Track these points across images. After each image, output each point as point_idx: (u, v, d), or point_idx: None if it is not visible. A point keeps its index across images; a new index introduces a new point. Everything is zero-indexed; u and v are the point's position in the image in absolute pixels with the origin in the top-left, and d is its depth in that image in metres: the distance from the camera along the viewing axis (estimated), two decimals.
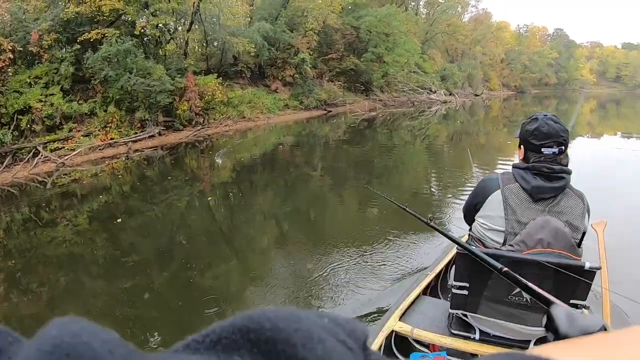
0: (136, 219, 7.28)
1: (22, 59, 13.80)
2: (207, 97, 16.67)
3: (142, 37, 16.24)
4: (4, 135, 11.76)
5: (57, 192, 9.53)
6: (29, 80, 13.33)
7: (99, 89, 14.23)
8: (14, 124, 12.27)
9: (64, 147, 12.58)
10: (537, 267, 1.65)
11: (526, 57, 52.99)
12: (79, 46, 14.12)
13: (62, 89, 13.65)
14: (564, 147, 1.74)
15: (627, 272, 3.63)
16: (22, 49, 13.28)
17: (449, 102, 30.22)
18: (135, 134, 14.23)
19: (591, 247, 2.93)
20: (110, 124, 13.86)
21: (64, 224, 7.18)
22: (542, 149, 1.74)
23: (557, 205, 1.75)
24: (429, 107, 26.92)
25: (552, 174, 1.73)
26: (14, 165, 11.45)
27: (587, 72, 69.25)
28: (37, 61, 14.00)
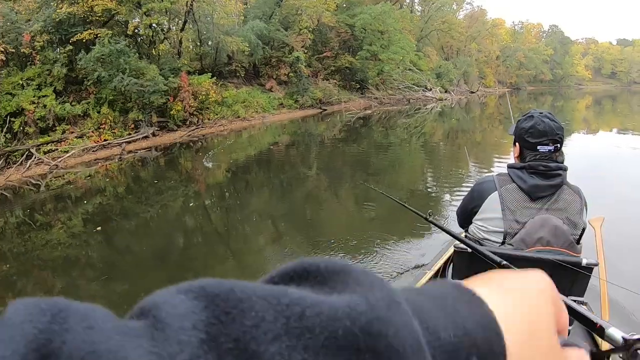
0: (130, 221, 7.21)
1: (14, 60, 13.68)
2: (201, 97, 16.55)
3: (136, 37, 16.14)
4: None
5: (50, 194, 9.45)
6: (21, 82, 13.21)
7: (92, 90, 14.12)
8: (7, 126, 12.16)
9: (57, 149, 12.46)
10: (535, 264, 1.62)
11: (521, 54, 53.09)
12: (71, 47, 14.01)
13: (54, 91, 13.54)
14: (559, 144, 1.73)
15: (624, 266, 3.62)
16: (14, 50, 13.17)
17: (445, 99, 30.18)
18: (129, 134, 14.13)
19: (589, 242, 2.91)
20: (103, 125, 13.75)
21: (58, 227, 7.12)
22: (538, 147, 1.72)
23: (556, 202, 1.74)
24: (425, 105, 26.90)
25: (548, 172, 1.72)
26: (7, 168, 11.34)
27: (583, 69, 69.50)
28: (29, 63, 13.87)
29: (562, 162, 1.76)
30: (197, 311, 0.18)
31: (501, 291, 0.26)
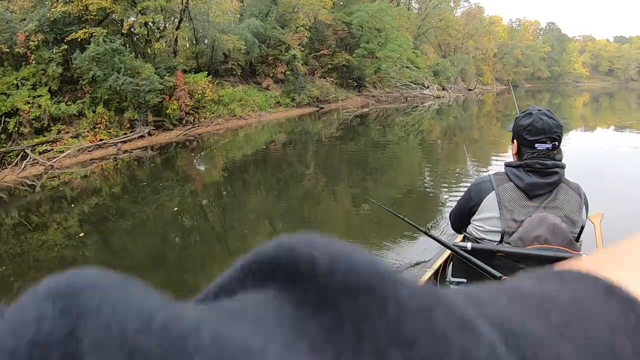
0: (127, 221, 7.18)
1: (8, 60, 13.60)
2: (197, 96, 16.46)
3: (131, 36, 16.06)
4: None
5: (46, 195, 9.40)
6: (16, 82, 13.13)
7: (87, 90, 14.04)
8: (2, 126, 12.10)
9: (52, 150, 12.39)
10: (533, 262, 1.66)
11: (519, 52, 53.14)
12: (66, 46, 13.94)
13: (49, 90, 13.46)
14: (557, 142, 1.72)
15: None
16: (8, 50, 13.10)
17: (442, 97, 30.18)
18: (124, 134, 14.05)
19: (588, 239, 2.88)
20: (99, 125, 13.68)
21: (54, 228, 7.08)
22: (536, 145, 1.70)
23: (554, 200, 1.73)
24: (422, 103, 26.88)
25: (545, 170, 1.70)
26: (2, 169, 11.28)
27: (580, 66, 69.64)
28: (24, 62, 13.79)
29: (561, 160, 1.74)
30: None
31: None
